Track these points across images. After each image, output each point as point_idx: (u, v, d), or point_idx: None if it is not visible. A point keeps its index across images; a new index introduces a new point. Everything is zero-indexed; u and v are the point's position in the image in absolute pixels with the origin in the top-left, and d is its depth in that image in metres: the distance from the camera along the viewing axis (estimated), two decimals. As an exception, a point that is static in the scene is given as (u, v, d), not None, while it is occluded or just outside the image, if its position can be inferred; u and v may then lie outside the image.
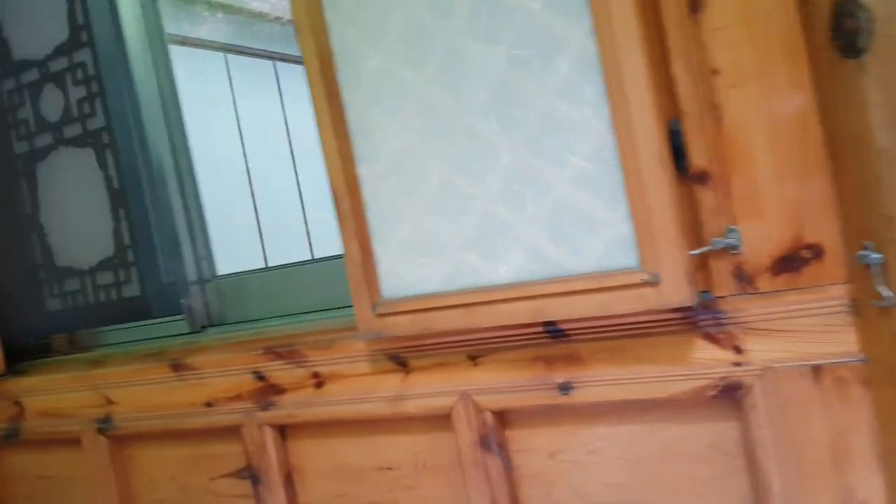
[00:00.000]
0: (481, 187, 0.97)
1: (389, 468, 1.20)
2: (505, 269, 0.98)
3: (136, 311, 1.82)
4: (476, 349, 1.08)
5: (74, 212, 1.89)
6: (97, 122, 1.84)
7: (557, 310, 0.94)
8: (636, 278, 0.88)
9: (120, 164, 1.83)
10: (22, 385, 1.53)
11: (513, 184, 0.95)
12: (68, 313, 1.88)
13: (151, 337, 1.55)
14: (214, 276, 1.49)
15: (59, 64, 1.87)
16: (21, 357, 1.68)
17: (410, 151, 1.02)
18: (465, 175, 0.98)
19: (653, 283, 0.87)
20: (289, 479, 1.28)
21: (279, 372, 1.24)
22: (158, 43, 1.52)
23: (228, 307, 1.48)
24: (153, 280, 1.64)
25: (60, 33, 1.88)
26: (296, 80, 4.79)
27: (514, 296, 0.97)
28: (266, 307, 1.44)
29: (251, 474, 1.29)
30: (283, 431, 1.28)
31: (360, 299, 1.09)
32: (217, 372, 1.29)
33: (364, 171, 1.06)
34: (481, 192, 0.97)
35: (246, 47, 3.40)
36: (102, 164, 1.86)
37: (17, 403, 1.53)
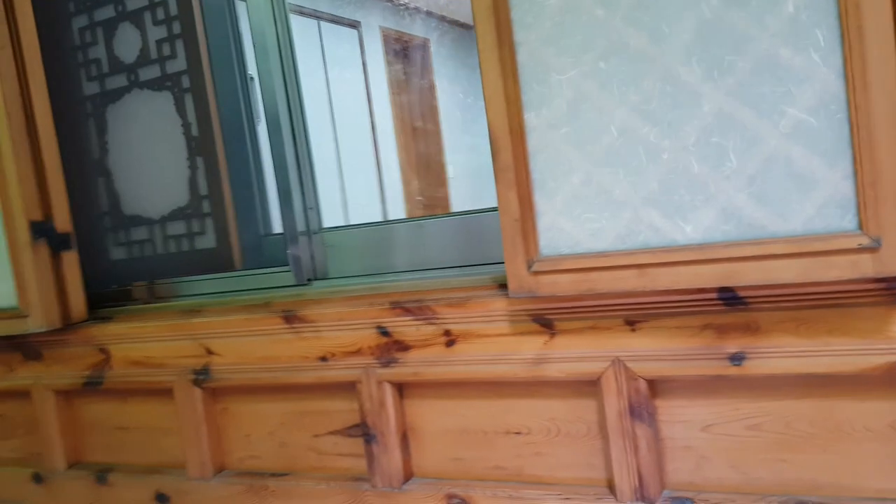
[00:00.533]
0: (672, 139, 0.91)
1: (518, 433, 1.15)
2: (691, 228, 0.92)
3: (213, 262, 1.76)
4: (636, 314, 1.02)
5: (146, 159, 1.82)
6: (177, 65, 1.77)
7: (750, 275, 0.89)
8: (853, 242, 0.82)
9: (201, 109, 1.76)
10: (108, 332, 1.46)
11: (712, 136, 0.89)
12: (139, 262, 1.82)
13: (245, 288, 1.48)
14: (321, 228, 1.43)
15: (136, 1, 1.79)
16: (99, 304, 1.62)
17: (589, 98, 0.95)
18: (654, 124, 0.92)
19: (872, 248, 0.81)
20: (404, 440, 1.22)
21: (406, 328, 1.18)
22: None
23: (333, 261, 1.41)
24: (248, 230, 1.58)
25: (139, -31, 1.79)
26: (341, 43, 4.71)
27: (699, 258, 0.91)
28: (373, 263, 1.38)
29: (365, 432, 1.23)
30: (402, 390, 1.22)
31: (513, 255, 1.03)
32: (335, 325, 1.23)
33: (532, 118, 1.00)
34: (672, 143, 0.91)
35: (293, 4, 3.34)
36: (180, 110, 1.78)
37: (103, 350, 1.47)
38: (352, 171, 4.46)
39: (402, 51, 5.50)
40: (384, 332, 1.20)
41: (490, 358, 1.12)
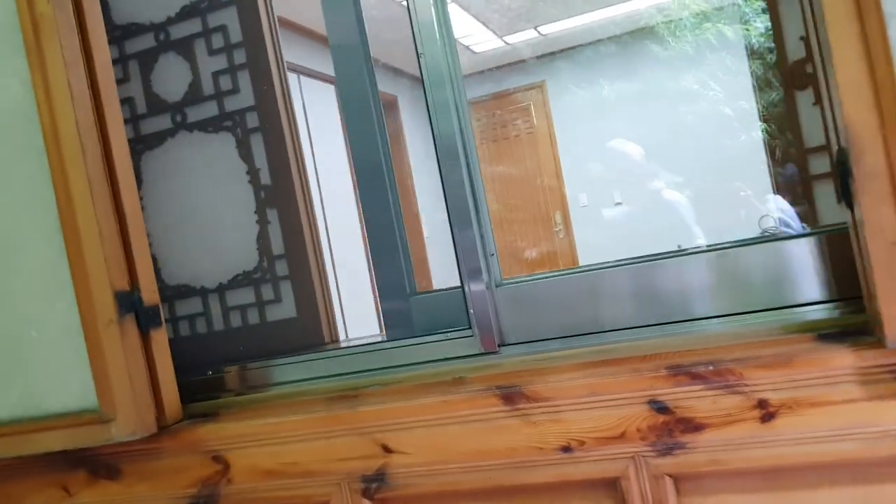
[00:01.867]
0: None
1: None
2: None
3: (294, 336, 1.43)
4: None
5: (196, 215, 1.48)
6: (240, 101, 1.46)
7: None
8: None
9: (275, 152, 1.45)
10: (223, 433, 1.10)
11: None
12: (188, 342, 1.46)
13: (401, 364, 1.15)
14: (502, 281, 1.12)
15: (184, 28, 1.49)
16: (188, 397, 1.25)
17: None
18: None
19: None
20: (688, 554, 0.91)
21: (696, 401, 0.88)
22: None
23: (518, 320, 1.11)
24: (392, 290, 1.25)
25: (190, -10, 1.50)
26: (318, 98, 4.43)
27: None
28: (573, 320, 1.08)
29: (632, 547, 0.92)
30: (677, 484, 0.92)
31: (892, 292, 0.77)
32: (583, 403, 0.92)
33: (918, 107, 0.75)
34: None
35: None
36: (245, 154, 1.47)
37: (218, 459, 1.10)
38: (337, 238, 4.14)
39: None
40: (661, 408, 0.90)
41: (832, 433, 0.84)
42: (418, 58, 1.10)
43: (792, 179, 1.23)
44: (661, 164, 4.16)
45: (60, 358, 1.10)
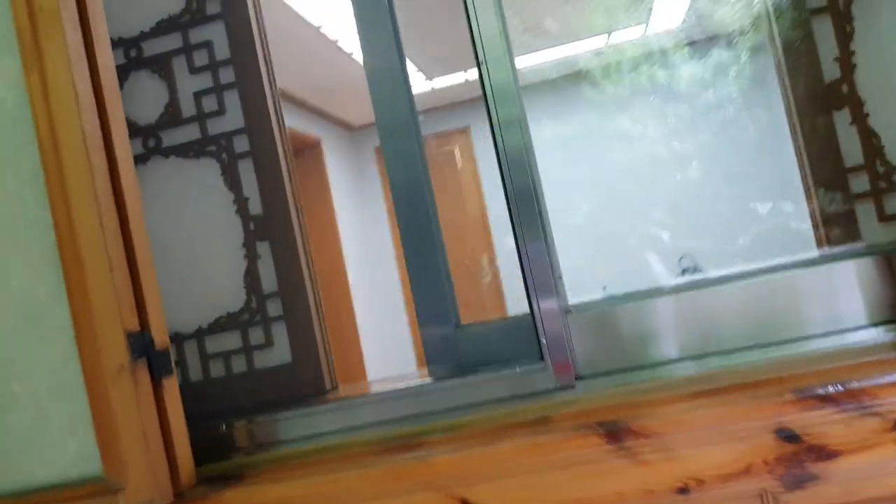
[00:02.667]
0: None
1: None
2: None
3: (291, 384, 1.28)
4: None
5: (170, 249, 1.33)
6: (226, 123, 1.33)
7: None
8: None
9: (268, 179, 1.32)
10: (256, 499, 0.92)
11: None
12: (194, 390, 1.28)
13: (451, 407, 1.01)
14: (571, 307, 1.02)
15: (160, 44, 1.34)
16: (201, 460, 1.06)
17: None
18: None
19: None
20: None
21: (828, 426, 0.81)
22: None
23: (590, 350, 1.00)
24: (434, 321, 1.11)
25: (169, 3, 1.37)
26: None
27: None
28: (642, 351, 0.99)
29: None
30: (804, 521, 0.83)
31: None
32: (699, 437, 0.83)
33: None
34: None
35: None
36: (232, 182, 1.33)
37: (248, 529, 0.92)
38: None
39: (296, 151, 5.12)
40: (789, 437, 0.81)
41: (977, 453, 0.78)
42: (481, 75, 1.00)
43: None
44: (593, 204, 4.22)
45: (52, 415, 0.90)
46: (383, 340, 4.91)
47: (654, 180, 3.80)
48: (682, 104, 3.69)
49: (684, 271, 4.18)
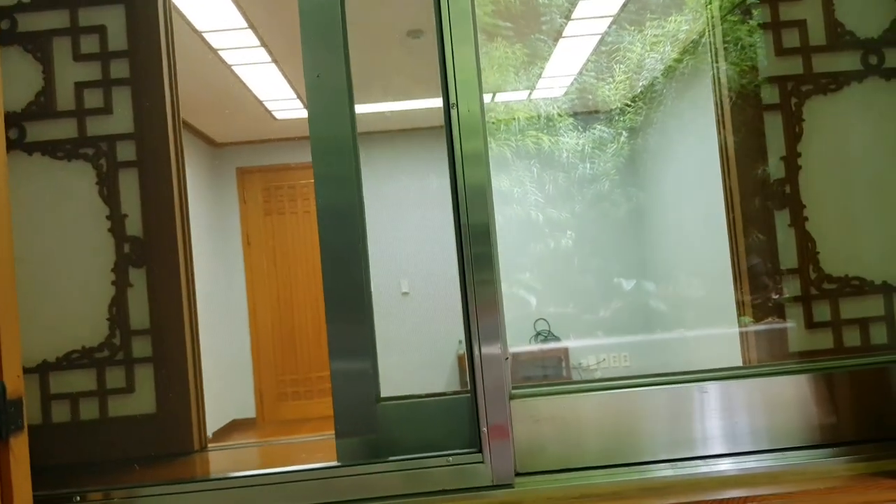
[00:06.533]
0: None
1: None
2: None
3: (149, 440, 1.10)
4: None
5: (26, 265, 1.13)
6: (110, 125, 1.15)
7: None
8: None
9: (154, 194, 1.15)
10: None
11: None
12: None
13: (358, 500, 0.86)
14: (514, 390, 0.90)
15: (41, 20, 1.15)
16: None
17: None
18: None
19: None
20: None
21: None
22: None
23: (532, 444, 0.89)
24: (351, 392, 0.94)
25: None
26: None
27: None
28: (601, 444, 0.90)
29: None
30: None
31: None
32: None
33: None
34: None
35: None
36: (108, 193, 1.15)
37: None
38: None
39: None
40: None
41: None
42: (448, 111, 0.89)
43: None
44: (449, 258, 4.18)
45: None
46: (223, 378, 4.57)
47: (525, 244, 3.82)
48: (561, 173, 3.76)
49: (538, 335, 4.22)
